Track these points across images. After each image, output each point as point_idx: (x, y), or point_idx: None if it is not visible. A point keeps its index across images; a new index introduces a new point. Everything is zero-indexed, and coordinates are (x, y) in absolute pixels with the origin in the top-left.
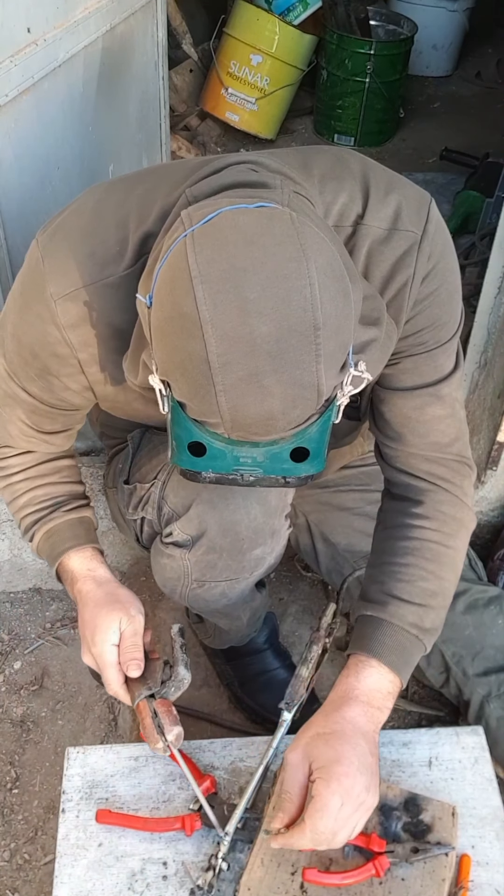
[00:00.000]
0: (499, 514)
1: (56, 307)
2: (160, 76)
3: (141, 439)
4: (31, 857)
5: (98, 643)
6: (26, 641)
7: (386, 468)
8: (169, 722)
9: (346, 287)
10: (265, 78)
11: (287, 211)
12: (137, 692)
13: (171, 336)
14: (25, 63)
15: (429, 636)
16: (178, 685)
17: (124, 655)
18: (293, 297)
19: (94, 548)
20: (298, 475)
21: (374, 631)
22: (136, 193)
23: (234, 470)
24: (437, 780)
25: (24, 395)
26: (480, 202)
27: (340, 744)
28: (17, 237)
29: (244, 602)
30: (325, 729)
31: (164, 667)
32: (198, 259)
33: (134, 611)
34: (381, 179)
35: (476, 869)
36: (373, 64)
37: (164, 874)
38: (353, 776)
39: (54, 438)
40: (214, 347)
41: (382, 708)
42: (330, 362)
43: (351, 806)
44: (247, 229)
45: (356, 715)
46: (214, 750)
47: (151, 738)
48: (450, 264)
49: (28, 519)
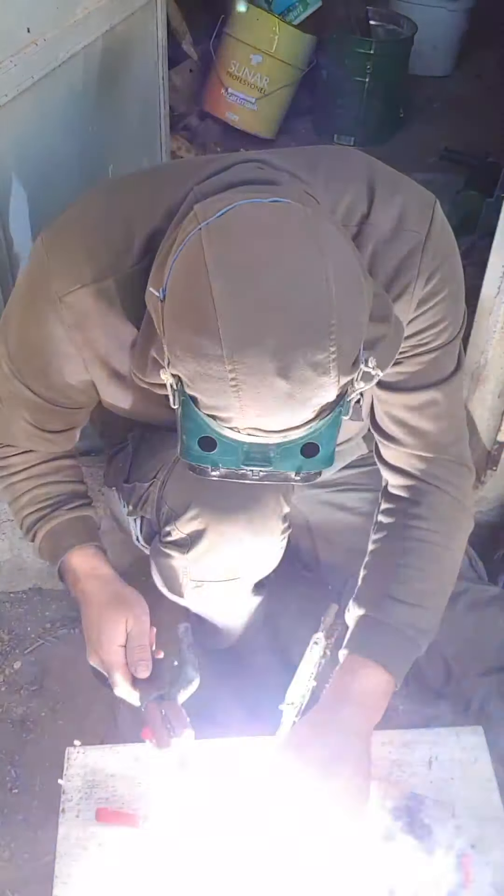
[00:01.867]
0: (499, 514)
1: (60, 305)
2: (160, 76)
3: (141, 439)
4: (31, 857)
5: (105, 644)
6: (26, 641)
7: (384, 468)
8: (179, 725)
9: (360, 283)
10: (265, 78)
11: (301, 207)
12: (146, 694)
13: (186, 330)
14: (25, 63)
15: (424, 637)
16: (186, 686)
17: (132, 657)
18: (310, 293)
19: (96, 546)
20: (308, 471)
21: (370, 631)
22: (142, 191)
23: (244, 465)
24: (437, 780)
25: (28, 392)
26: (480, 202)
27: (336, 744)
28: (17, 237)
29: (243, 603)
30: (321, 728)
31: (171, 667)
32: (214, 252)
33: (139, 611)
34: (386, 180)
35: (476, 869)
36: (373, 64)
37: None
38: (347, 776)
39: (57, 438)
40: (229, 342)
41: (377, 708)
42: (343, 358)
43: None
44: (263, 223)
45: (350, 715)
46: (215, 750)
47: (162, 740)
48: (453, 266)
49: (29, 518)
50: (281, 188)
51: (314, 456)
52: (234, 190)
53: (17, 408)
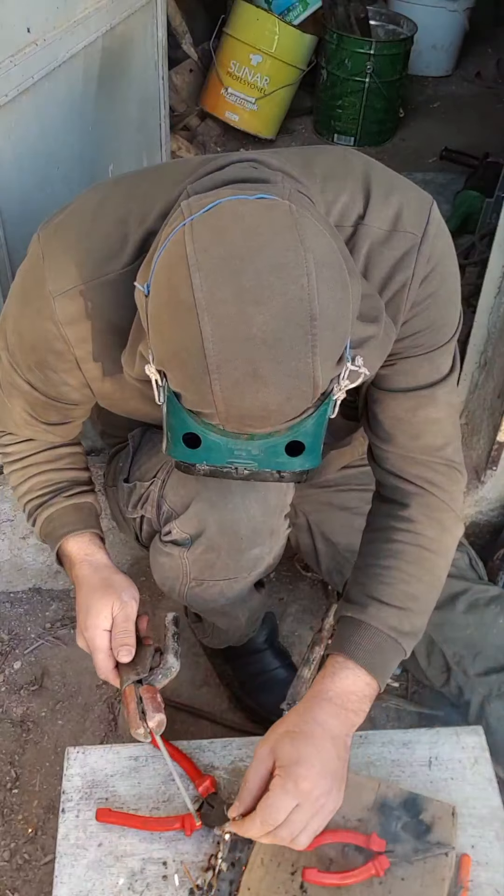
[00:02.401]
0: (499, 514)
1: (54, 304)
2: (160, 76)
3: (141, 438)
4: (31, 857)
5: (90, 628)
6: (26, 641)
7: (376, 470)
8: (152, 709)
9: (344, 279)
10: (265, 78)
11: (287, 203)
12: (126, 677)
13: (168, 323)
14: (25, 63)
15: (408, 640)
16: (165, 672)
17: (115, 640)
18: (290, 287)
19: (92, 533)
20: (293, 469)
21: (353, 633)
22: (138, 192)
23: (229, 462)
24: (437, 780)
25: (26, 385)
26: (480, 202)
27: (305, 745)
28: (17, 237)
29: (242, 602)
30: (295, 728)
31: (154, 654)
32: (196, 247)
33: (126, 596)
34: (383, 180)
35: (476, 869)
36: (373, 64)
37: (163, 874)
38: (313, 779)
39: (55, 429)
40: (210, 335)
41: (357, 711)
42: (326, 354)
43: (308, 809)
44: (245, 218)
45: (327, 717)
46: (214, 750)
47: (133, 723)
48: (449, 267)
49: (30, 504)
50: (271, 186)
51: (299, 454)
52: (224, 188)
53: (16, 398)
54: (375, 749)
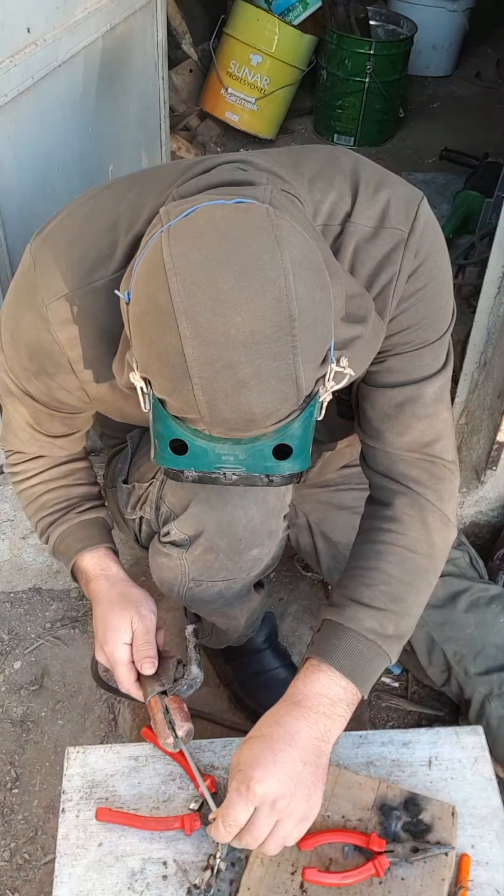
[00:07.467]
0: (499, 514)
1: (46, 312)
2: (160, 76)
3: (140, 439)
4: (31, 857)
5: (110, 642)
6: (26, 641)
7: (365, 469)
8: (180, 718)
9: (323, 280)
10: (265, 78)
11: (264, 206)
12: (150, 688)
13: (148, 330)
14: (25, 63)
15: (390, 642)
16: (190, 683)
17: (138, 653)
18: (267, 288)
19: (107, 547)
20: (282, 473)
21: (330, 636)
22: (127, 197)
23: (216, 468)
24: (437, 779)
25: (27, 398)
26: (480, 202)
27: (262, 749)
28: (16, 237)
29: (242, 602)
30: (256, 732)
31: (177, 665)
32: (172, 252)
33: (145, 610)
34: (371, 177)
35: (476, 869)
36: (372, 64)
37: (164, 874)
38: (268, 783)
39: (60, 442)
40: (189, 339)
41: (330, 715)
42: (308, 354)
43: (267, 813)
44: (221, 222)
45: (292, 720)
46: (214, 750)
47: (162, 733)
48: (438, 263)
49: (43, 522)
50: (252, 189)
51: (286, 458)
52: (204, 192)
53: (19, 413)
54: (375, 749)
